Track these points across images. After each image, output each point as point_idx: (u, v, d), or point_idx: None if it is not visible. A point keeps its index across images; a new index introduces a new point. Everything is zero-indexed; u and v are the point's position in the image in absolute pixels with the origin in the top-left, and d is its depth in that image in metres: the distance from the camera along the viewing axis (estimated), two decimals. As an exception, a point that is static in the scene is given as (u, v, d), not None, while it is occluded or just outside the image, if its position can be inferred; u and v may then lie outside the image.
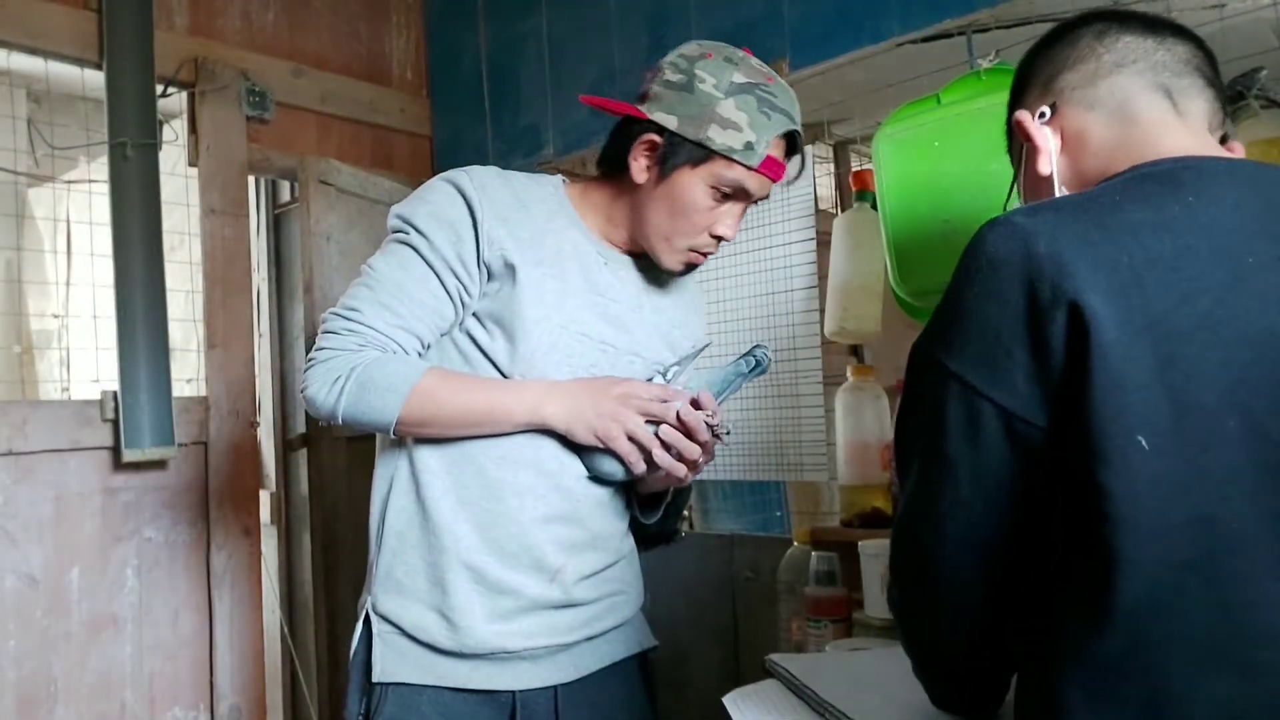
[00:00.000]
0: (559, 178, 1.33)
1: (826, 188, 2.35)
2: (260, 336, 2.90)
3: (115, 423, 2.02)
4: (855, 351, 2.29)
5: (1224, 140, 0.84)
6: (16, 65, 2.16)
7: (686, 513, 2.20)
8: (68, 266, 2.85)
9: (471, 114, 2.57)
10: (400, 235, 1.22)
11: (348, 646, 1.27)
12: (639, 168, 1.22)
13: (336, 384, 1.14)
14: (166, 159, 2.17)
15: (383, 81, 2.66)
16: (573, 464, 1.22)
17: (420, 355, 1.22)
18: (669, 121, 1.18)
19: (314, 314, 2.23)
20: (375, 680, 1.20)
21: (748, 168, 1.17)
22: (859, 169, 1.96)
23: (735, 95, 1.16)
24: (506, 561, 1.20)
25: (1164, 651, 0.64)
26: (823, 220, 1.84)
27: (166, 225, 2.12)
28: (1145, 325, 0.65)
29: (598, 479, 1.24)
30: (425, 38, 2.76)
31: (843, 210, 2.21)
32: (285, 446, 2.88)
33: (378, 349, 1.17)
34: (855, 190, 1.81)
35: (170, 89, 2.20)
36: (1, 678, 1.90)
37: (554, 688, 1.24)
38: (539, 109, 2.35)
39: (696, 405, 1.18)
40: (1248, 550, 0.64)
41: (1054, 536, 0.71)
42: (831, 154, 2.32)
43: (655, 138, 1.19)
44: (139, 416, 2.03)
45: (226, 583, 2.20)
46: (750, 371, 1.25)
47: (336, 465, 2.27)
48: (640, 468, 1.19)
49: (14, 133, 2.67)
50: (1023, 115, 0.88)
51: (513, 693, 1.22)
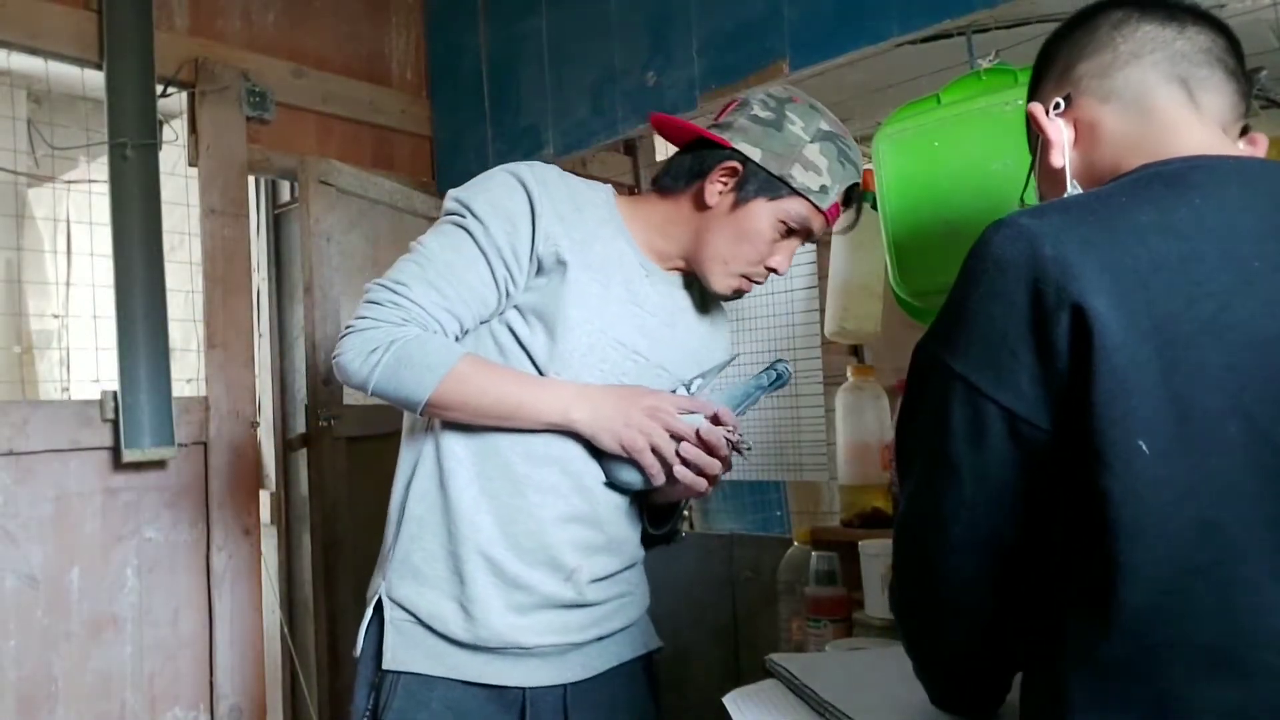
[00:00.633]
0: (609, 187, 1.36)
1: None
2: (260, 336, 2.91)
3: (115, 423, 2.02)
4: (855, 351, 2.29)
5: (1245, 131, 0.83)
6: (16, 65, 2.16)
7: (686, 513, 2.20)
8: (68, 266, 2.85)
9: (472, 114, 2.57)
10: (456, 218, 1.23)
11: (348, 646, 1.27)
12: (714, 191, 1.25)
13: (374, 354, 1.14)
14: (166, 159, 2.17)
15: (383, 82, 2.66)
16: (596, 467, 1.24)
17: (458, 339, 1.22)
18: (754, 153, 1.23)
19: (314, 314, 2.23)
20: (385, 668, 1.20)
21: (818, 209, 1.24)
22: (859, 169, 1.96)
23: (820, 141, 1.23)
24: (523, 557, 1.21)
25: (1168, 656, 0.64)
26: (823, 220, 1.84)
27: (166, 225, 2.12)
28: (1150, 329, 0.65)
29: (614, 486, 1.25)
30: (425, 38, 2.76)
31: (843, 210, 2.21)
32: (285, 446, 2.89)
33: (419, 326, 1.17)
34: (855, 190, 1.81)
35: (170, 89, 2.20)
36: (1, 678, 1.90)
37: (563, 686, 1.25)
38: (539, 109, 2.35)
39: (717, 420, 1.19)
40: (1251, 555, 0.64)
41: (1056, 539, 0.70)
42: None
43: (737, 165, 1.24)
44: (139, 416, 2.03)
45: (226, 583, 2.20)
46: (771, 385, 1.28)
47: (336, 465, 2.26)
48: (661, 479, 1.20)
49: (14, 133, 2.68)
50: (1035, 108, 0.86)
51: (522, 690, 1.22)
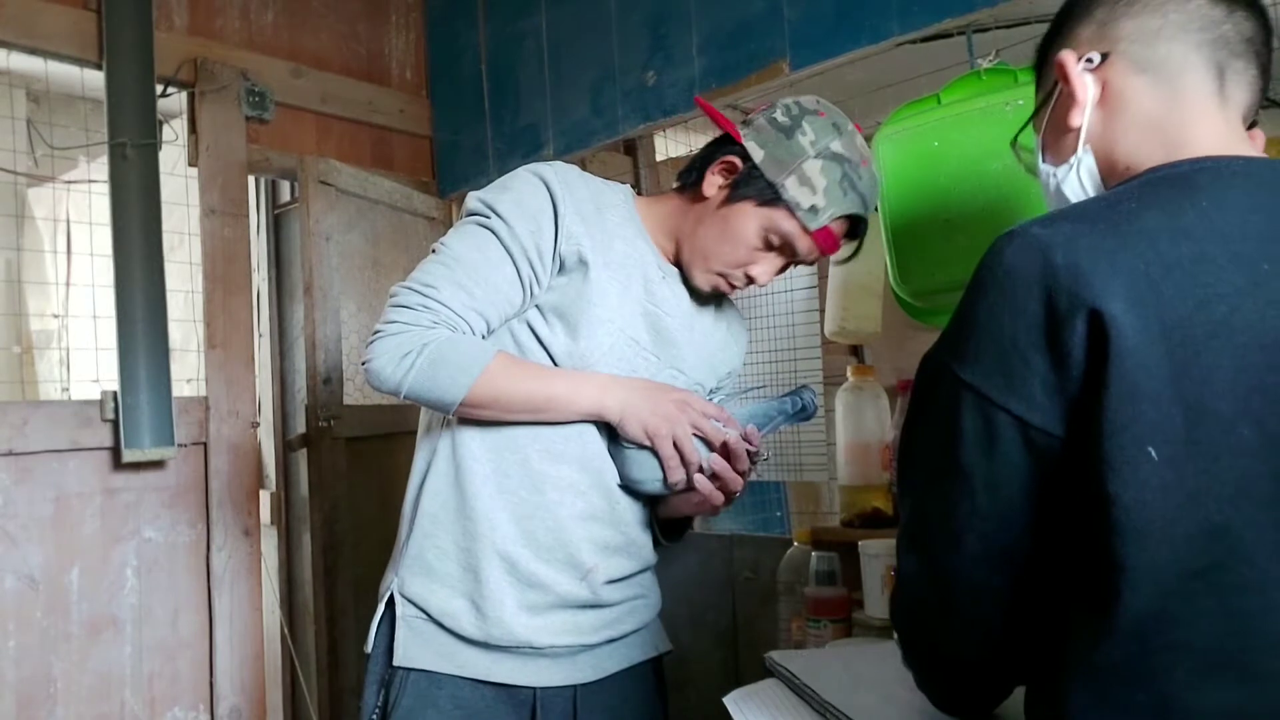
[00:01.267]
0: (627, 187, 1.36)
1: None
2: (260, 336, 2.91)
3: (115, 423, 2.02)
4: (855, 351, 2.29)
5: (1252, 126, 0.81)
6: (16, 65, 2.16)
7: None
8: (68, 266, 2.85)
9: (471, 114, 2.57)
10: (480, 219, 1.23)
11: (348, 646, 1.27)
12: (712, 182, 1.25)
13: (407, 359, 1.14)
14: (166, 159, 2.17)
15: (382, 81, 2.66)
16: (614, 466, 1.24)
17: (483, 339, 1.22)
18: (756, 154, 1.21)
19: (314, 314, 2.23)
20: (396, 664, 1.21)
21: (804, 228, 1.20)
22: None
23: (825, 160, 1.19)
24: (540, 555, 1.21)
25: (1171, 659, 0.64)
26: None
27: (166, 225, 2.12)
28: (1161, 332, 0.64)
29: (628, 489, 1.25)
30: (425, 38, 2.76)
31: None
32: (285, 446, 2.89)
33: (448, 328, 1.17)
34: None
35: (170, 89, 2.20)
36: (1, 678, 1.90)
37: (573, 687, 1.25)
38: (539, 109, 2.35)
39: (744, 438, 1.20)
40: (1259, 560, 0.63)
41: (1064, 543, 0.70)
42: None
43: (737, 161, 1.23)
44: (139, 416, 2.03)
45: (226, 583, 2.20)
46: (795, 414, 1.26)
47: (336, 465, 2.26)
48: (677, 474, 1.19)
49: (14, 133, 2.68)
50: (1067, 57, 0.81)
51: (533, 690, 1.23)
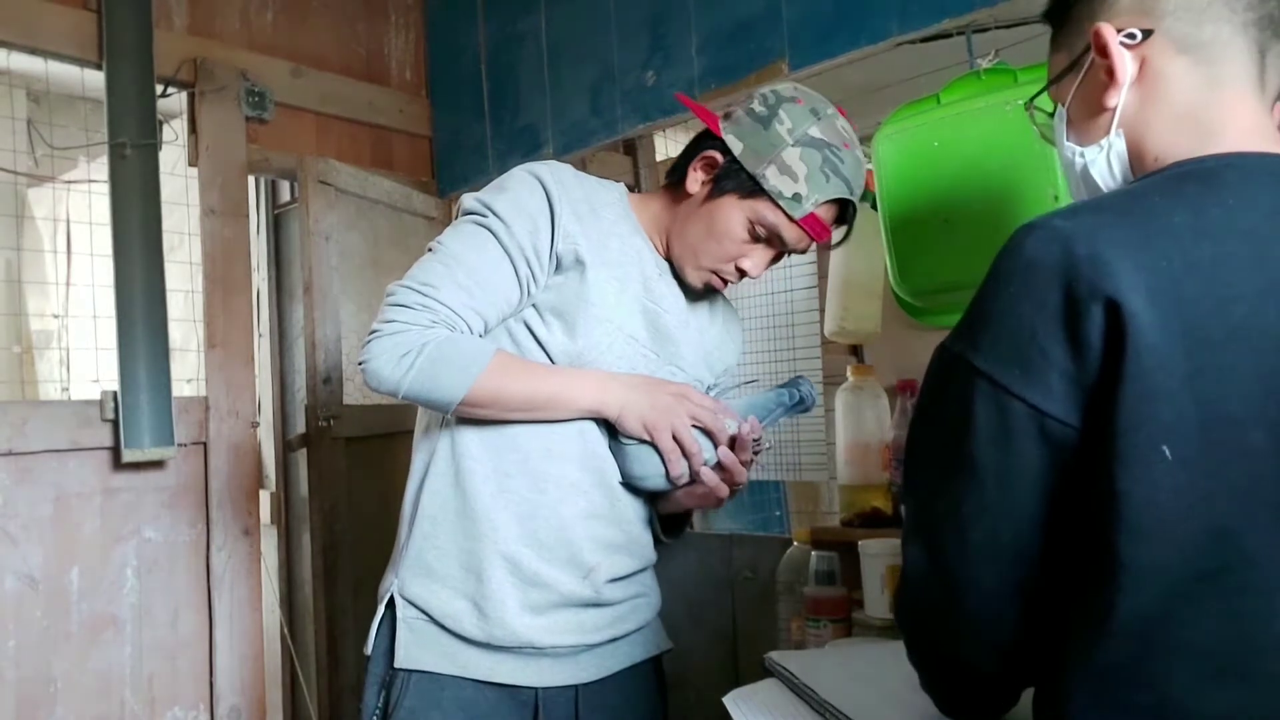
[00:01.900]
0: (621, 186, 1.36)
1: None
2: (260, 336, 2.91)
3: (115, 423, 2.02)
4: (855, 351, 2.29)
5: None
6: (16, 65, 2.16)
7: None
8: (68, 266, 2.85)
9: (471, 114, 2.57)
10: (477, 218, 1.22)
11: (348, 646, 1.27)
12: (694, 179, 1.25)
13: (406, 358, 1.14)
14: (166, 159, 2.17)
15: (382, 81, 2.66)
16: (615, 464, 1.24)
17: (480, 338, 1.22)
18: (735, 147, 1.21)
19: (314, 314, 2.23)
20: (397, 666, 1.20)
21: (789, 217, 1.20)
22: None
23: (803, 147, 1.18)
24: (542, 554, 1.21)
25: (1173, 661, 0.63)
26: (822, 220, 1.84)
27: (166, 225, 2.12)
28: (1180, 331, 0.63)
29: (630, 486, 1.25)
30: (424, 38, 2.76)
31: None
32: (285, 446, 2.89)
33: (447, 327, 1.17)
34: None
35: (170, 89, 2.20)
36: (1, 678, 1.90)
37: (575, 687, 1.25)
38: (538, 109, 2.35)
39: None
40: (1265, 564, 0.63)
41: (1069, 540, 0.69)
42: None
43: (717, 156, 1.22)
44: (139, 416, 2.03)
45: (226, 583, 2.20)
46: (793, 406, 1.26)
47: (336, 465, 2.26)
48: (678, 468, 1.19)
49: (14, 133, 2.68)
50: (1107, 30, 0.77)
51: (535, 690, 1.23)
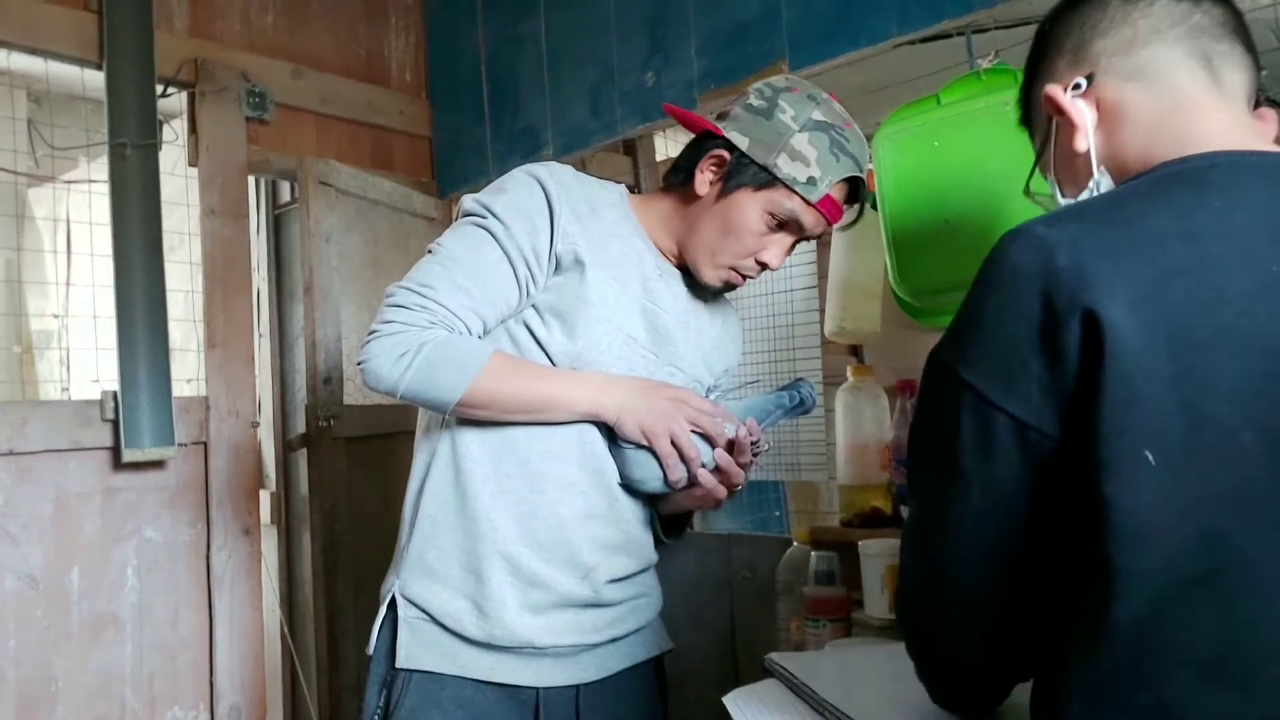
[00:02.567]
0: (622, 187, 1.36)
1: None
2: (260, 336, 2.91)
3: (115, 423, 2.02)
4: (855, 351, 2.29)
5: (1257, 106, 0.80)
6: (16, 65, 2.16)
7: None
8: (68, 266, 2.85)
9: (470, 115, 2.57)
10: (476, 219, 1.22)
11: (348, 646, 1.27)
12: (703, 180, 1.24)
13: (404, 358, 1.14)
14: (166, 159, 2.17)
15: (382, 82, 2.66)
16: (614, 465, 1.24)
17: (479, 339, 1.22)
18: (741, 142, 1.21)
19: (314, 314, 2.23)
20: (398, 666, 1.21)
21: (806, 201, 1.20)
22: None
23: (810, 131, 1.19)
24: (541, 554, 1.21)
25: (1168, 665, 0.64)
26: (822, 220, 1.84)
27: (166, 225, 2.12)
28: (1165, 336, 0.64)
29: (628, 488, 1.25)
30: (424, 39, 2.76)
31: (842, 210, 2.21)
32: (285, 446, 2.89)
33: (445, 328, 1.17)
34: (855, 190, 1.81)
35: (170, 89, 2.21)
36: (1, 678, 1.90)
37: (576, 687, 1.25)
38: (538, 110, 2.36)
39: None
40: (1258, 566, 0.63)
41: (1061, 546, 0.69)
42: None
43: (724, 154, 1.22)
44: (139, 416, 2.03)
45: (226, 583, 2.20)
46: (793, 407, 1.26)
47: (336, 465, 2.27)
48: (676, 473, 1.19)
49: (14, 133, 2.68)
50: (1054, 89, 0.82)
51: (536, 690, 1.23)
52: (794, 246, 1.28)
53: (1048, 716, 0.70)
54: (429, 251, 1.23)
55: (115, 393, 2.02)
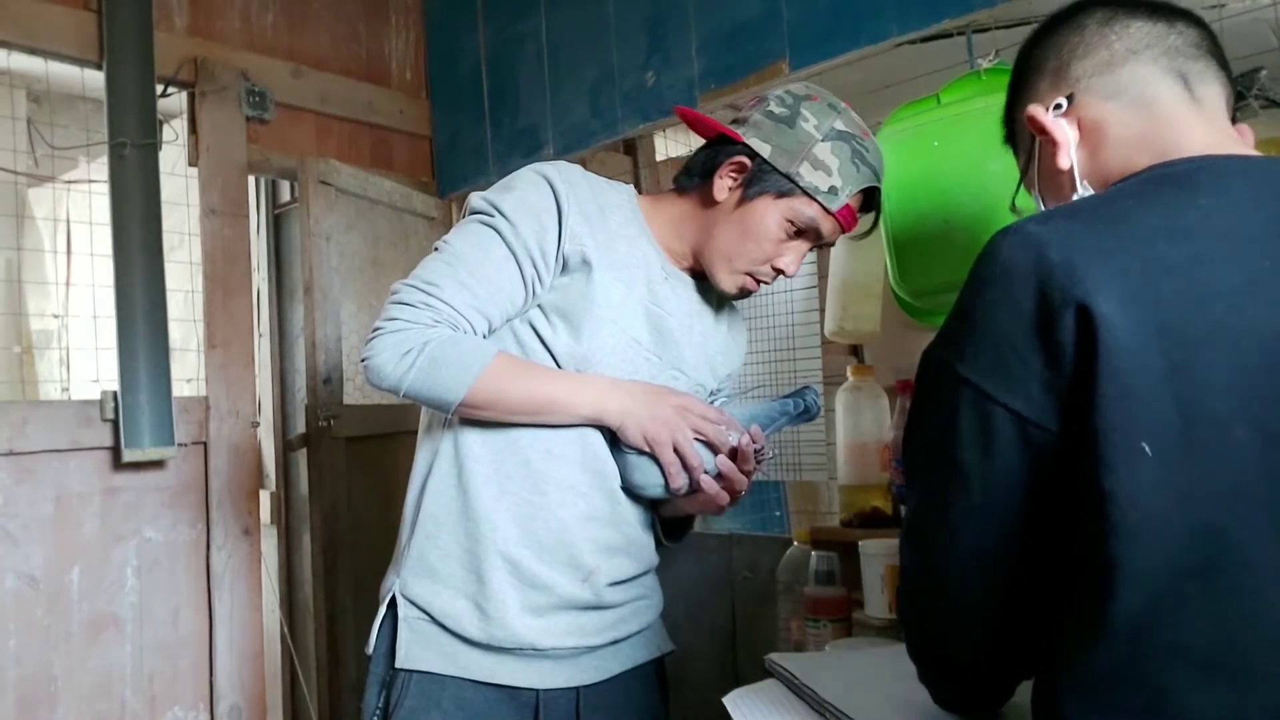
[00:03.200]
0: (630, 188, 1.36)
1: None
2: (260, 336, 2.91)
3: (115, 423, 2.02)
4: (855, 351, 2.29)
5: (1233, 121, 0.82)
6: (16, 65, 2.16)
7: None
8: (68, 266, 2.85)
9: (471, 114, 2.57)
10: (484, 217, 1.22)
11: (348, 646, 1.27)
12: (722, 186, 1.24)
13: (407, 356, 1.14)
14: (166, 159, 2.17)
15: (382, 82, 2.66)
16: (616, 468, 1.24)
17: (484, 338, 1.22)
18: (763, 149, 1.21)
19: (314, 314, 2.23)
20: (398, 666, 1.20)
21: (826, 210, 1.21)
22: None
23: (833, 141, 1.20)
24: (542, 556, 1.20)
25: (1163, 659, 0.64)
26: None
27: (166, 225, 2.12)
28: (1156, 332, 0.64)
29: (629, 491, 1.25)
30: (425, 38, 2.76)
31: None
32: (285, 446, 2.89)
33: (450, 326, 1.17)
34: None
35: (170, 89, 2.20)
36: (1, 678, 1.90)
37: (576, 689, 1.25)
38: (538, 109, 2.36)
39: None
40: (1254, 561, 0.63)
41: (1059, 542, 0.70)
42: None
43: (745, 160, 1.22)
44: (139, 416, 2.03)
45: (226, 583, 2.20)
46: (798, 415, 1.26)
47: (336, 465, 2.27)
48: (679, 480, 1.19)
49: (14, 133, 2.68)
50: (1036, 109, 0.84)
51: (536, 691, 1.22)
52: (807, 253, 1.28)
53: (1047, 712, 0.70)
54: (435, 249, 1.23)
55: (115, 393, 2.02)
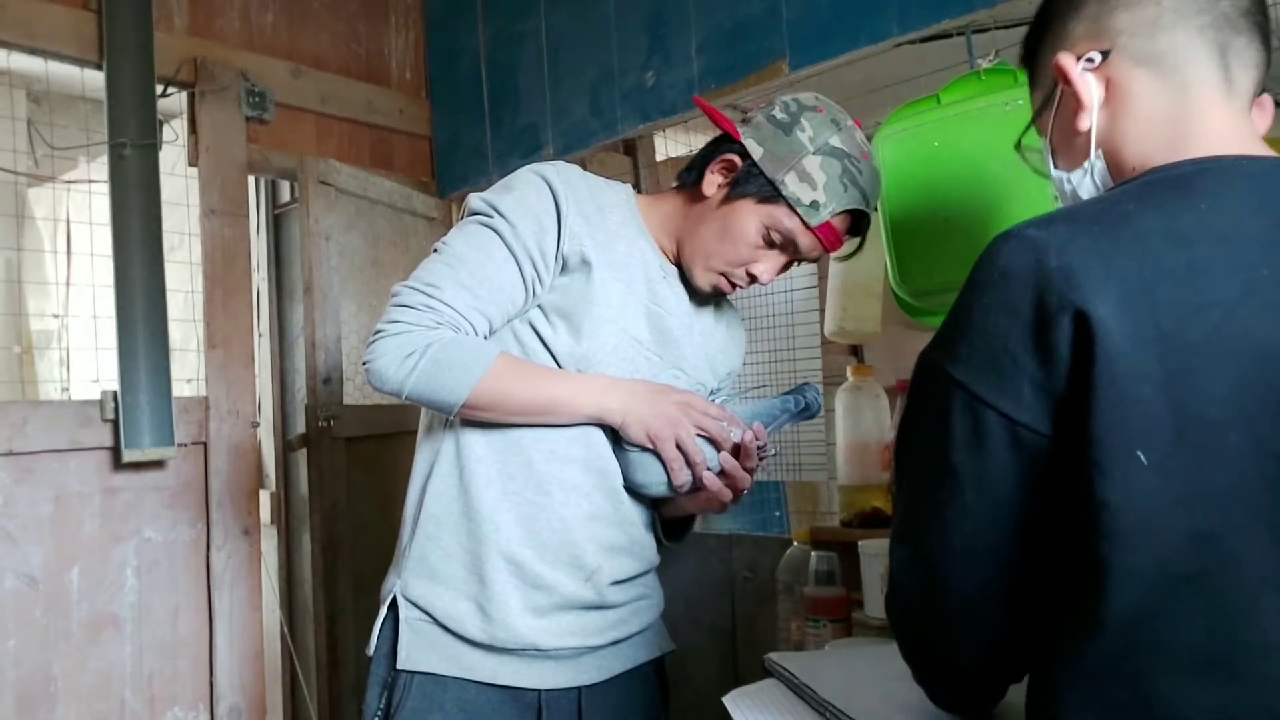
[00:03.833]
0: (628, 187, 1.36)
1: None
2: (260, 336, 2.91)
3: (115, 423, 2.02)
4: (855, 351, 2.29)
5: (1260, 94, 0.79)
6: (16, 65, 2.16)
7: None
8: (68, 266, 2.85)
9: (470, 114, 2.57)
10: (483, 218, 1.22)
11: (348, 646, 1.27)
12: (711, 181, 1.25)
13: (410, 359, 1.14)
14: (166, 159, 2.17)
15: (382, 82, 2.66)
16: (618, 467, 1.24)
17: (485, 339, 1.22)
18: (755, 151, 1.21)
19: (314, 314, 2.23)
20: (399, 667, 1.20)
21: (805, 224, 1.20)
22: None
23: (824, 155, 1.19)
24: (545, 556, 1.20)
25: (1156, 660, 0.64)
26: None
27: (166, 225, 2.12)
28: (1153, 338, 0.64)
29: (632, 491, 1.25)
30: (424, 38, 2.76)
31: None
32: (285, 446, 2.89)
33: (451, 328, 1.17)
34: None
35: (170, 89, 2.20)
36: (1, 678, 1.90)
37: (578, 689, 1.25)
38: (538, 109, 2.36)
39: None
40: (1248, 565, 0.63)
41: (1052, 544, 0.70)
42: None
43: (736, 159, 1.22)
44: (139, 416, 2.03)
45: (226, 583, 2.20)
46: (799, 412, 1.26)
47: (336, 465, 2.27)
48: (681, 477, 1.19)
49: (14, 133, 2.68)
50: (1066, 59, 0.79)
51: (538, 692, 1.22)
52: (788, 266, 1.27)
53: (1041, 712, 0.71)
54: (434, 250, 1.23)
55: (115, 393, 2.02)
